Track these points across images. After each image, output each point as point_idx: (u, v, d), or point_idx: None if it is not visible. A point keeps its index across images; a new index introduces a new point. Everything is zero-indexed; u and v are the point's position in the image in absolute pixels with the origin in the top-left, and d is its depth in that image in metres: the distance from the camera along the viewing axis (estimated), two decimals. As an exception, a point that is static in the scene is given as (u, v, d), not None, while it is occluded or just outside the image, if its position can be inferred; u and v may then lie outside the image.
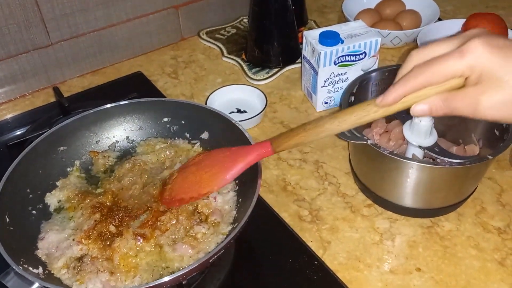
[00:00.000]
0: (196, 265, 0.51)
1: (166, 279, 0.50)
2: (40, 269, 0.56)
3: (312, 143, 0.85)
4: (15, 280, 0.52)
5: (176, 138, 0.76)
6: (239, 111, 0.92)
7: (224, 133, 0.71)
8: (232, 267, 0.66)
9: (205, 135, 0.75)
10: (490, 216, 0.73)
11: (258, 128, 0.90)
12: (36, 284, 0.51)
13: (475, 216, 0.73)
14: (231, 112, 0.91)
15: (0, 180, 0.62)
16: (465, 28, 1.02)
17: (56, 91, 0.93)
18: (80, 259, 0.58)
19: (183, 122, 0.76)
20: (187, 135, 0.76)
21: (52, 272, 0.57)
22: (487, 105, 0.43)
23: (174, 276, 0.50)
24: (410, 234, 0.70)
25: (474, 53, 0.42)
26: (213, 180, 0.60)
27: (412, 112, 0.47)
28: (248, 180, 0.65)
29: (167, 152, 0.74)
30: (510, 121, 0.45)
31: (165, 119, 0.77)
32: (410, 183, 0.68)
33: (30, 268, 0.55)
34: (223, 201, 0.66)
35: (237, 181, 0.69)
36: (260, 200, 0.75)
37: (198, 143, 0.75)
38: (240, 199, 0.66)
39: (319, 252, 0.68)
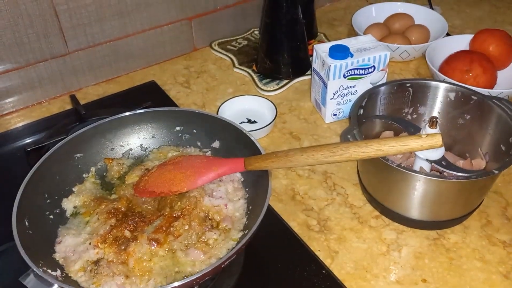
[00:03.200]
0: (210, 269, 0.53)
1: (180, 283, 0.52)
2: (58, 272, 0.58)
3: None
4: (35, 281, 0.54)
5: (188, 146, 0.78)
6: (249, 121, 0.94)
7: (234, 143, 0.73)
8: (241, 274, 0.67)
9: (216, 144, 0.77)
10: (495, 229, 0.74)
11: (268, 138, 0.92)
12: (55, 286, 0.52)
13: (481, 229, 0.74)
14: (241, 122, 0.93)
15: (20, 185, 0.64)
16: (473, 43, 1.04)
17: (73, 98, 0.95)
18: (96, 262, 0.60)
19: (194, 131, 0.78)
20: (199, 143, 0.78)
21: (69, 275, 0.59)
22: None
23: (187, 280, 0.52)
24: (417, 245, 0.72)
25: None
26: (185, 181, 0.66)
27: None
28: (258, 189, 0.67)
29: (180, 160, 0.76)
30: None
31: (178, 128, 0.79)
32: (417, 196, 0.69)
33: (49, 271, 0.57)
34: (233, 208, 0.67)
35: (247, 189, 0.71)
36: (269, 209, 0.76)
37: (209, 152, 0.77)
38: (250, 207, 0.68)
39: (327, 261, 0.70)
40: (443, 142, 0.67)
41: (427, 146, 0.51)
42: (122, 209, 0.67)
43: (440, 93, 0.80)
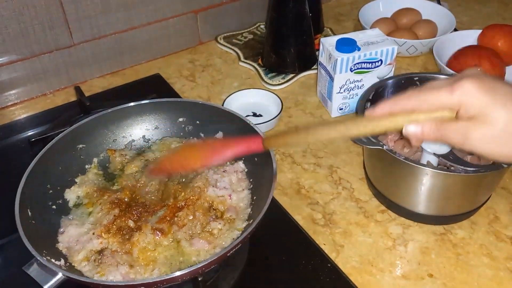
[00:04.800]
0: (215, 258, 0.52)
1: (185, 271, 0.51)
2: (62, 261, 0.58)
3: (326, 148, 0.86)
4: (38, 271, 0.53)
5: (191, 137, 0.78)
6: (254, 114, 0.93)
7: (239, 134, 0.72)
8: (245, 267, 0.67)
9: (219, 135, 0.76)
10: (503, 225, 0.73)
11: (273, 132, 0.91)
12: (59, 275, 0.52)
13: (488, 225, 0.73)
14: (247, 116, 0.92)
15: (23, 175, 0.63)
16: (481, 39, 1.03)
17: (78, 90, 0.95)
18: (100, 252, 0.60)
19: (198, 122, 0.78)
20: (202, 135, 0.78)
21: (73, 264, 0.59)
22: (476, 138, 0.46)
23: (193, 268, 0.52)
24: (423, 240, 0.71)
25: (463, 91, 0.45)
26: (200, 158, 0.63)
27: (404, 131, 0.49)
28: (262, 179, 0.66)
29: (182, 152, 0.75)
30: (496, 158, 0.48)
31: (181, 119, 0.78)
32: (424, 190, 0.68)
33: (53, 260, 0.56)
34: (237, 198, 0.67)
35: (251, 180, 0.70)
36: (274, 202, 0.76)
37: None
38: (255, 197, 0.67)
39: (332, 255, 0.69)
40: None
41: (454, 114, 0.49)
42: (126, 199, 0.67)
43: (448, 87, 0.79)
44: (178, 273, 0.52)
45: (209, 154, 0.62)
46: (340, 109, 0.93)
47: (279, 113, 0.90)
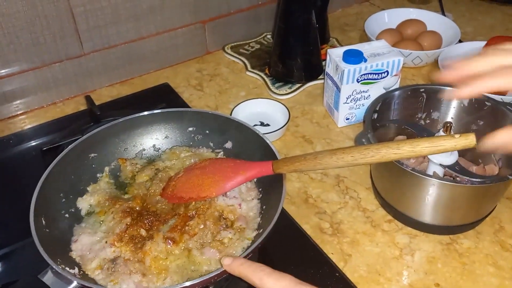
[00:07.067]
0: (227, 268, 0.53)
1: (198, 280, 0.52)
2: (76, 270, 0.59)
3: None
4: (53, 279, 0.54)
5: (200, 147, 0.79)
6: (262, 124, 0.95)
7: (247, 144, 0.74)
8: (254, 276, 0.68)
9: (228, 145, 0.77)
10: (508, 235, 0.74)
11: (281, 141, 0.92)
12: (74, 283, 0.53)
13: (494, 235, 0.74)
14: (254, 125, 0.94)
15: (35, 184, 0.64)
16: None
17: (88, 99, 0.96)
18: (113, 260, 0.61)
19: (207, 131, 0.79)
20: (211, 144, 0.79)
21: (86, 272, 0.60)
22: None
23: (205, 278, 0.52)
24: (430, 250, 0.72)
25: None
26: (214, 186, 0.65)
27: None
28: (271, 189, 0.67)
29: (192, 160, 0.76)
30: None
31: (190, 129, 0.79)
32: (431, 200, 0.69)
33: (67, 268, 0.57)
34: (247, 208, 0.68)
35: (260, 189, 0.71)
36: (282, 211, 0.75)
37: (222, 152, 0.78)
38: (264, 207, 0.68)
39: (340, 264, 0.70)
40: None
41: (460, 146, 0.48)
42: (137, 208, 0.67)
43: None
44: (189, 283, 0.53)
45: (222, 181, 0.64)
46: (347, 119, 0.94)
47: (286, 123, 0.91)
